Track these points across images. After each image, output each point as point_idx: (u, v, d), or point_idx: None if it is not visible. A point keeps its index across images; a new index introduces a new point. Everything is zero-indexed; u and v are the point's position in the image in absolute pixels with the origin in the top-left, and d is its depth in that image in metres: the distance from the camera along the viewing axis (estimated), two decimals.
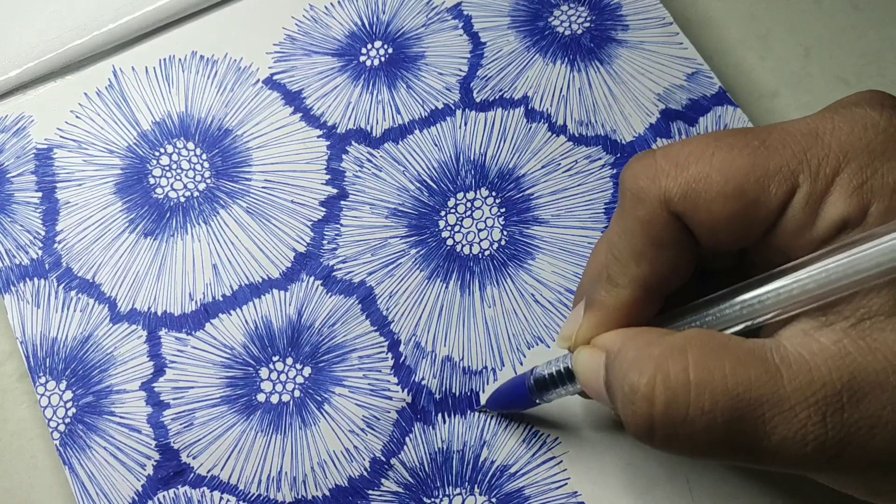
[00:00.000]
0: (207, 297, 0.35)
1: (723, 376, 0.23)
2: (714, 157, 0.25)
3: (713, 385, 0.23)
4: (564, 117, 0.38)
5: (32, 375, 0.34)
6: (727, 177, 0.24)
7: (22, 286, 0.36)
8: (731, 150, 0.25)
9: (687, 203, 0.25)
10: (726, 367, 0.23)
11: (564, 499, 0.32)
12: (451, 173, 0.37)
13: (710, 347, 0.24)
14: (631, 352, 0.25)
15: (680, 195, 0.25)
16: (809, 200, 0.24)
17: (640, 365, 0.24)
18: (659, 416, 0.24)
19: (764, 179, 0.24)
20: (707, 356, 0.23)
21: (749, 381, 0.23)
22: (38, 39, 0.40)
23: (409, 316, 0.35)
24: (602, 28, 0.40)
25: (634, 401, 0.24)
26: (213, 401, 0.34)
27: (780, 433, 0.23)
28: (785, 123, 0.25)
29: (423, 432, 0.33)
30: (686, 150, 0.25)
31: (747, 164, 0.24)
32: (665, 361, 0.24)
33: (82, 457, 0.33)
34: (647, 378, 0.24)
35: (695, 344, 0.24)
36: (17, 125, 0.39)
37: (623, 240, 0.27)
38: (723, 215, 0.25)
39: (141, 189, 0.37)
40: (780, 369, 0.23)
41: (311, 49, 0.40)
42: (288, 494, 0.32)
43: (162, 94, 0.39)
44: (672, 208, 0.25)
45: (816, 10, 0.41)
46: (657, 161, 0.26)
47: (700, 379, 0.23)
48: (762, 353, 0.23)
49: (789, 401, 0.23)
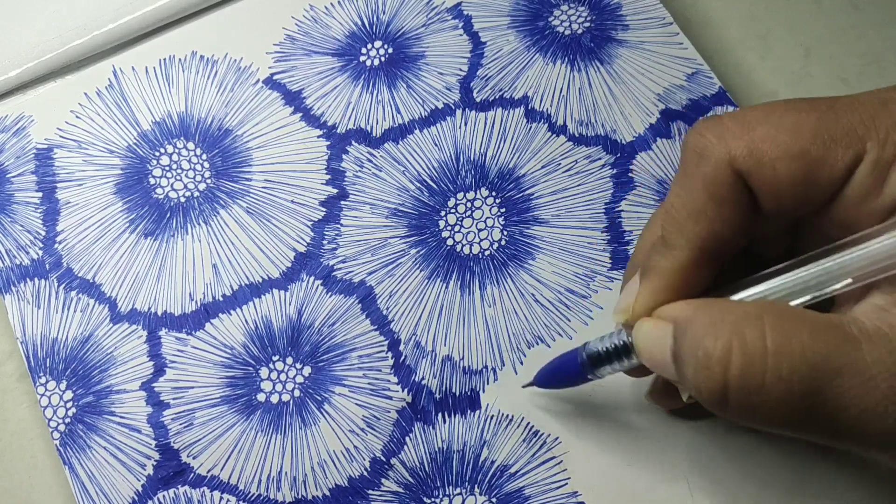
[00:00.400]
0: (207, 297, 0.35)
1: (801, 344, 0.22)
2: (782, 119, 0.25)
3: (791, 352, 0.22)
4: (564, 117, 0.38)
5: (33, 375, 0.34)
6: (794, 137, 0.24)
7: (22, 286, 0.36)
8: (798, 113, 0.25)
9: (752, 161, 0.25)
10: (804, 336, 0.22)
11: (564, 499, 0.32)
12: (451, 173, 0.37)
13: (787, 316, 0.23)
14: (705, 318, 0.24)
15: (745, 153, 0.25)
16: (877, 167, 0.23)
17: (715, 330, 0.23)
18: (734, 381, 0.23)
19: (830, 142, 0.24)
20: (785, 324, 0.23)
21: (828, 350, 0.22)
22: (38, 39, 0.40)
23: (409, 315, 0.35)
24: (602, 28, 0.40)
25: (709, 365, 0.23)
26: (213, 401, 0.34)
27: (860, 405, 0.22)
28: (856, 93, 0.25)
29: (423, 432, 0.33)
30: (754, 113, 0.25)
31: (814, 126, 0.24)
32: (741, 327, 0.23)
33: (82, 457, 0.33)
34: (723, 343, 0.23)
35: (771, 312, 0.23)
36: (17, 125, 0.39)
37: (682, 199, 0.26)
38: (787, 176, 0.24)
39: (141, 189, 0.37)
40: (860, 340, 0.22)
41: (311, 49, 0.40)
42: (288, 494, 0.32)
43: (162, 94, 0.39)
44: (736, 166, 0.25)
45: (816, 11, 0.41)
46: (724, 122, 0.26)
47: (778, 346, 0.22)
48: (840, 324, 0.23)
49: (870, 370, 0.22)
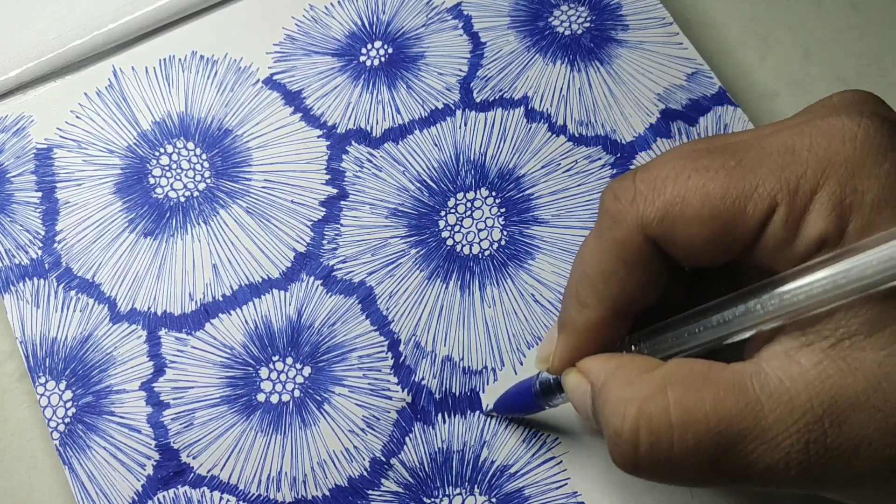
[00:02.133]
0: (207, 297, 0.35)
1: (704, 414, 0.23)
2: (690, 180, 0.25)
3: (695, 424, 0.23)
4: (564, 117, 0.38)
5: (32, 375, 0.34)
6: (703, 200, 0.25)
7: (22, 286, 0.36)
8: (706, 172, 0.25)
9: (664, 226, 0.25)
10: (707, 405, 0.23)
11: (564, 499, 0.32)
12: (451, 173, 0.37)
13: (691, 383, 0.24)
14: (613, 391, 0.25)
15: (657, 219, 0.25)
16: (788, 220, 0.24)
17: (621, 409, 0.25)
18: (643, 458, 0.24)
19: (740, 201, 0.24)
20: (688, 394, 0.24)
21: (731, 416, 0.23)
22: (38, 39, 0.40)
23: (409, 316, 0.35)
24: (602, 28, 0.40)
25: (619, 443, 0.24)
26: (213, 401, 0.34)
27: (764, 462, 0.23)
28: (762, 139, 0.25)
29: (423, 432, 0.33)
30: (663, 173, 0.26)
31: (723, 186, 0.24)
32: (646, 404, 0.24)
33: (82, 457, 0.33)
34: (630, 424, 0.24)
35: (675, 381, 0.24)
36: (17, 125, 0.39)
37: (595, 259, 0.27)
38: (699, 237, 0.25)
39: (141, 189, 0.37)
40: (761, 400, 0.23)
41: (311, 49, 0.40)
42: (288, 494, 0.32)
43: (162, 94, 0.39)
44: (649, 232, 0.26)
45: (816, 11, 0.41)
46: (636, 184, 0.26)
47: (682, 420, 0.24)
48: (743, 384, 0.24)
49: (771, 431, 0.23)
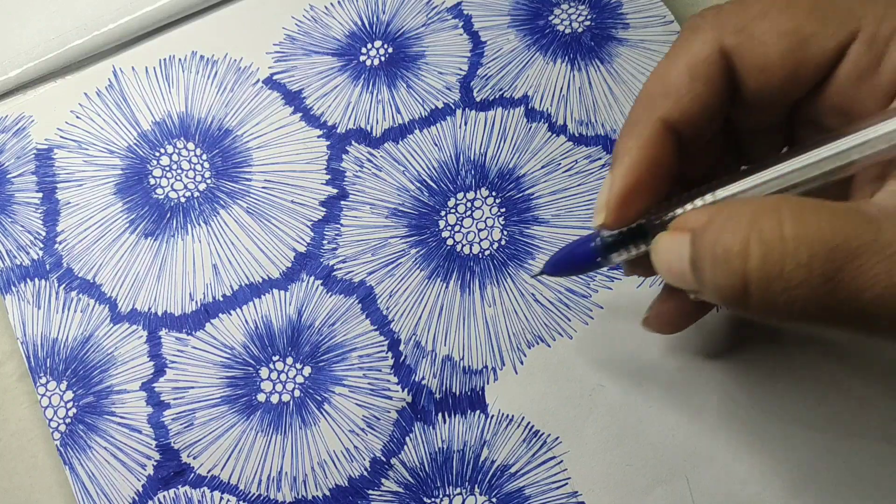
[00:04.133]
0: (207, 297, 0.35)
1: (819, 228, 0.22)
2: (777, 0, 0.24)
3: (810, 237, 0.22)
4: (564, 117, 0.38)
5: (33, 375, 0.34)
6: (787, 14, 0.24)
7: (23, 286, 0.36)
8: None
9: (742, 37, 0.24)
10: (822, 221, 0.22)
11: (564, 499, 0.32)
12: (451, 173, 0.37)
13: (805, 205, 0.22)
14: (720, 219, 0.23)
15: (736, 29, 0.24)
16: (873, 44, 0.23)
17: (732, 226, 0.23)
18: (754, 272, 0.22)
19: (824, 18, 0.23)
20: (802, 212, 0.22)
21: (847, 231, 0.22)
22: (38, 39, 0.40)
23: (409, 315, 0.35)
24: (602, 27, 0.40)
25: (728, 259, 0.22)
26: (214, 401, 0.34)
27: (881, 282, 0.21)
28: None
29: (424, 432, 0.33)
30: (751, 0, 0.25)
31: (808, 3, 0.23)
32: (759, 218, 0.22)
33: (83, 457, 0.33)
34: (741, 236, 0.22)
35: (788, 202, 0.23)
36: (17, 125, 0.39)
37: (658, 75, 0.26)
38: (776, 51, 0.24)
39: (141, 189, 0.37)
40: (879, 217, 0.22)
41: (311, 49, 0.40)
42: (288, 494, 0.32)
43: (162, 94, 0.39)
44: (726, 43, 0.24)
45: None
46: (722, 5, 0.25)
47: (796, 232, 0.22)
48: (859, 207, 0.22)
49: (891, 247, 0.21)
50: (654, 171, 0.26)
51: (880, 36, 0.22)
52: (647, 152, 0.25)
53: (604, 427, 0.33)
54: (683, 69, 0.25)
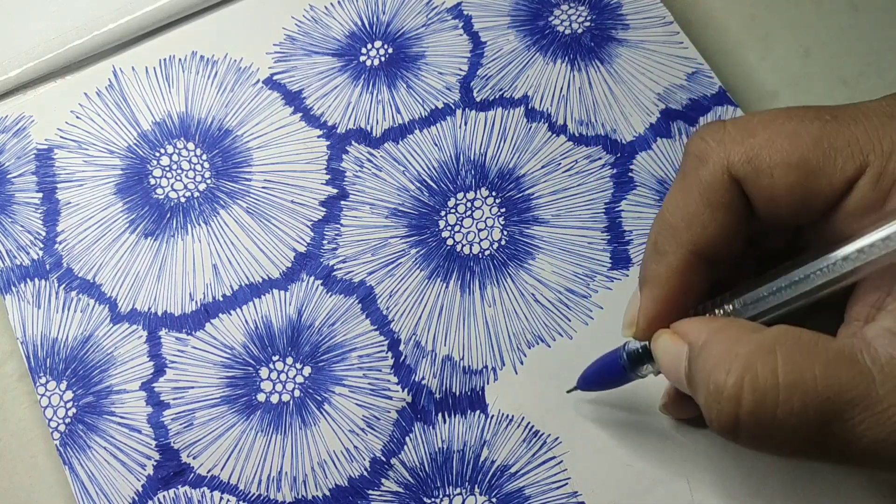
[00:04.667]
0: (207, 297, 0.35)
1: (813, 378, 0.22)
2: (784, 126, 0.25)
3: (804, 387, 0.22)
4: (564, 117, 0.38)
5: (33, 375, 0.34)
6: (793, 145, 0.24)
7: (23, 286, 0.36)
8: (801, 121, 0.25)
9: (750, 168, 0.25)
10: (816, 369, 0.22)
11: (564, 499, 0.32)
12: (451, 173, 0.37)
13: (800, 347, 0.23)
14: (717, 348, 0.24)
15: (744, 160, 0.25)
16: (880, 181, 0.23)
17: (727, 363, 0.23)
18: (746, 416, 0.23)
19: (831, 152, 0.24)
20: (797, 356, 0.23)
21: (840, 383, 0.22)
22: (38, 39, 0.40)
23: (409, 315, 0.35)
24: (602, 27, 0.40)
25: (720, 400, 0.23)
26: (213, 401, 0.34)
27: (871, 436, 0.22)
28: (861, 103, 0.25)
29: (424, 432, 0.33)
30: (756, 119, 0.26)
31: (816, 135, 0.24)
32: (754, 361, 0.23)
33: (82, 457, 0.33)
34: (735, 378, 0.23)
35: (784, 343, 0.23)
36: (17, 125, 0.39)
37: (677, 203, 0.26)
38: (784, 183, 0.24)
39: (141, 189, 0.37)
40: (872, 371, 0.22)
41: (311, 49, 0.40)
42: (288, 494, 0.32)
43: (162, 94, 0.39)
44: (734, 172, 0.25)
45: (816, 11, 0.41)
46: (727, 127, 0.26)
47: (790, 381, 0.22)
48: (853, 355, 0.23)
49: (881, 403, 0.22)
50: (684, 295, 0.27)
51: (887, 174, 0.23)
52: (677, 280, 0.27)
53: (604, 427, 0.33)
54: (700, 199, 0.26)
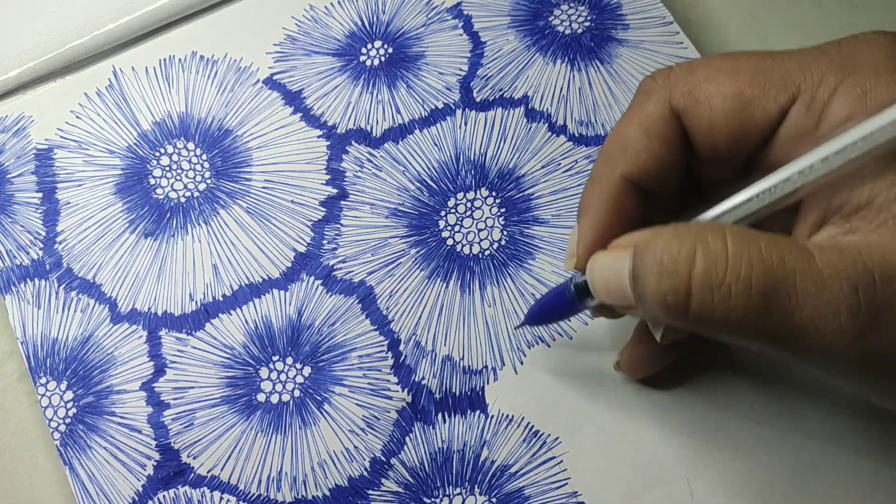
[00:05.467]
0: (207, 297, 0.35)
1: (758, 249, 0.24)
2: (723, 63, 0.26)
3: (749, 254, 0.23)
4: (564, 117, 0.38)
5: (33, 375, 0.34)
6: (730, 78, 0.26)
7: (23, 286, 0.36)
8: (738, 58, 0.26)
9: (689, 99, 0.26)
10: (762, 243, 0.24)
11: (564, 499, 0.32)
12: (451, 173, 0.37)
13: (746, 229, 0.24)
14: (666, 234, 0.25)
15: (684, 93, 0.27)
16: (811, 106, 0.25)
17: (679, 238, 0.25)
18: (698, 278, 0.24)
19: (766, 83, 0.25)
20: (743, 234, 0.24)
21: (783, 255, 0.23)
22: (38, 39, 0.40)
23: (409, 315, 0.35)
24: (602, 27, 0.40)
25: (674, 268, 0.24)
26: (214, 401, 0.34)
27: (812, 304, 0.23)
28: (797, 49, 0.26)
29: (423, 432, 0.33)
30: (701, 60, 0.27)
31: (752, 70, 0.26)
32: (704, 234, 0.24)
33: (83, 457, 0.33)
34: (688, 247, 0.24)
35: (731, 226, 0.25)
36: (17, 125, 0.39)
37: (616, 135, 0.28)
38: (721, 112, 0.26)
39: (141, 189, 0.37)
40: (812, 251, 0.23)
41: (311, 49, 0.40)
42: (288, 494, 0.32)
43: (162, 94, 0.39)
44: (674, 104, 0.27)
45: (816, 11, 0.41)
46: (672, 68, 0.28)
47: (738, 249, 0.24)
48: (794, 240, 0.24)
49: (821, 274, 0.23)
50: (619, 221, 0.28)
51: (818, 100, 0.25)
52: (610, 205, 0.28)
53: (604, 427, 0.33)
54: (638, 128, 0.27)
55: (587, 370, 0.34)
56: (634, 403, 0.33)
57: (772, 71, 0.25)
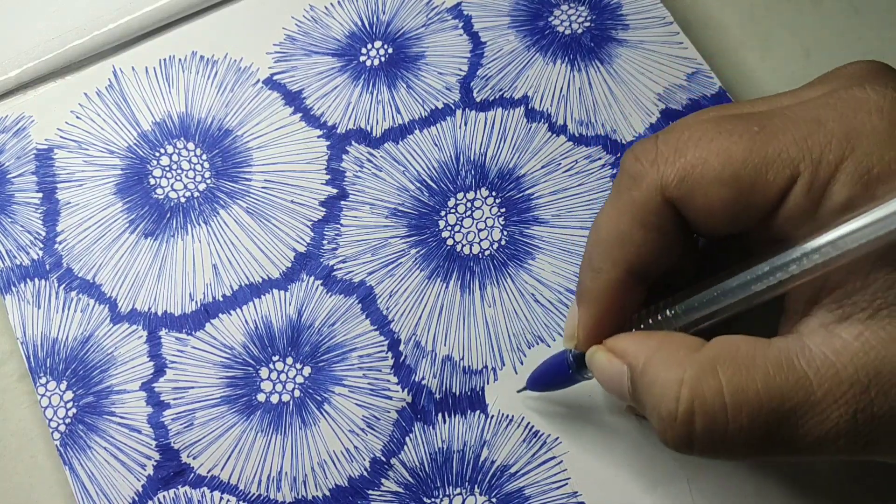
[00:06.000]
0: (207, 297, 0.35)
1: (756, 393, 0.24)
2: (713, 143, 0.25)
3: (749, 404, 0.24)
4: (564, 117, 0.38)
5: (33, 376, 0.34)
6: (724, 162, 0.25)
7: (23, 286, 0.36)
8: (730, 136, 0.25)
9: (683, 188, 0.25)
10: (758, 384, 0.24)
11: (564, 499, 0.32)
12: (451, 173, 0.37)
13: (740, 362, 0.24)
14: (661, 373, 0.25)
15: (677, 180, 0.25)
16: (812, 188, 0.24)
17: (674, 391, 0.25)
18: (699, 438, 0.25)
19: (762, 166, 0.24)
20: (738, 373, 0.24)
21: (781, 393, 0.24)
22: (38, 39, 0.40)
23: (409, 315, 0.35)
24: (602, 28, 0.40)
25: (674, 426, 0.25)
26: (213, 401, 0.34)
27: (814, 435, 0.24)
28: (787, 107, 0.25)
29: (423, 432, 0.33)
30: (686, 135, 0.26)
31: (745, 150, 0.24)
32: (699, 385, 0.24)
33: (82, 457, 0.33)
34: (685, 405, 0.24)
35: (724, 360, 0.24)
36: (17, 125, 0.39)
37: (611, 222, 0.27)
38: (719, 201, 0.25)
39: (141, 189, 0.37)
40: (809, 375, 0.24)
41: (311, 49, 0.40)
42: (288, 494, 0.32)
43: (162, 95, 0.39)
44: (668, 194, 0.26)
45: (816, 12, 0.41)
46: (657, 145, 0.26)
47: (735, 400, 0.24)
48: (790, 362, 0.24)
49: (820, 405, 0.23)
50: (621, 310, 0.28)
51: (818, 181, 0.24)
52: (612, 297, 0.28)
53: (604, 427, 0.33)
54: (633, 220, 0.26)
55: None
56: None
57: (767, 149, 0.24)
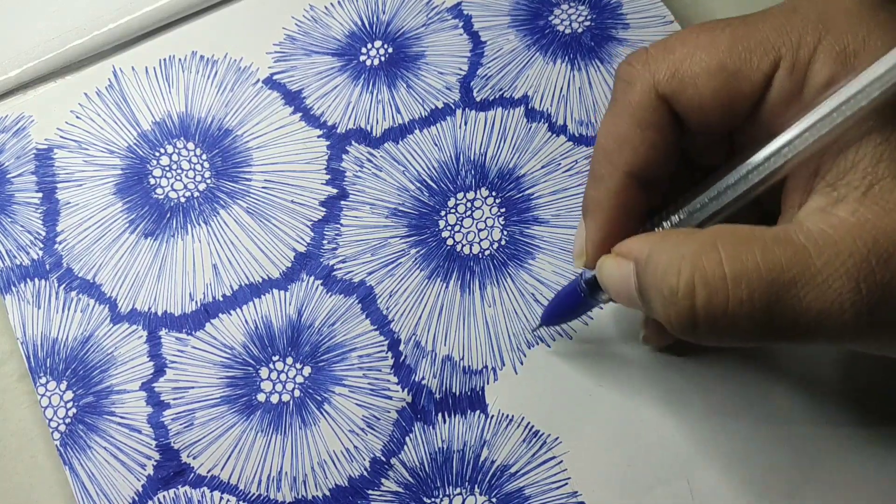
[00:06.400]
0: (207, 297, 0.35)
1: (755, 264, 0.24)
2: (699, 38, 0.26)
3: (748, 274, 0.24)
4: (564, 117, 0.38)
5: (33, 376, 0.34)
6: (710, 54, 0.26)
7: (23, 286, 0.36)
8: (713, 31, 0.26)
9: (674, 83, 0.26)
10: (757, 255, 0.24)
11: (564, 499, 0.32)
12: (451, 173, 0.37)
13: (738, 238, 0.25)
14: (663, 255, 0.25)
15: (668, 76, 0.26)
16: (794, 69, 0.25)
17: (675, 266, 0.25)
18: (701, 310, 0.24)
19: (745, 53, 0.25)
20: (737, 247, 0.24)
21: (780, 264, 0.24)
22: (38, 39, 0.40)
23: (409, 315, 0.35)
24: (602, 27, 0.40)
25: (676, 301, 0.25)
26: (213, 401, 0.34)
27: (817, 307, 0.23)
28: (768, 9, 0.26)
29: (423, 432, 0.33)
30: (674, 37, 0.27)
31: (729, 41, 0.26)
32: (699, 259, 0.24)
33: (82, 457, 0.33)
34: (686, 278, 0.24)
35: (724, 237, 0.25)
36: (17, 125, 0.39)
37: (609, 129, 0.28)
38: (708, 91, 0.26)
39: (141, 189, 0.37)
40: (808, 247, 0.24)
41: (311, 49, 0.40)
42: (288, 494, 0.32)
43: (162, 94, 0.39)
44: (661, 90, 0.27)
45: None
46: (648, 50, 0.27)
47: (735, 270, 0.24)
48: (788, 237, 0.24)
49: (821, 274, 0.23)
50: (625, 218, 0.28)
51: (799, 63, 0.25)
52: (616, 203, 0.28)
53: (604, 427, 0.33)
54: (630, 121, 0.27)
55: (587, 370, 0.34)
56: (634, 404, 0.33)
57: (749, 38, 0.26)
